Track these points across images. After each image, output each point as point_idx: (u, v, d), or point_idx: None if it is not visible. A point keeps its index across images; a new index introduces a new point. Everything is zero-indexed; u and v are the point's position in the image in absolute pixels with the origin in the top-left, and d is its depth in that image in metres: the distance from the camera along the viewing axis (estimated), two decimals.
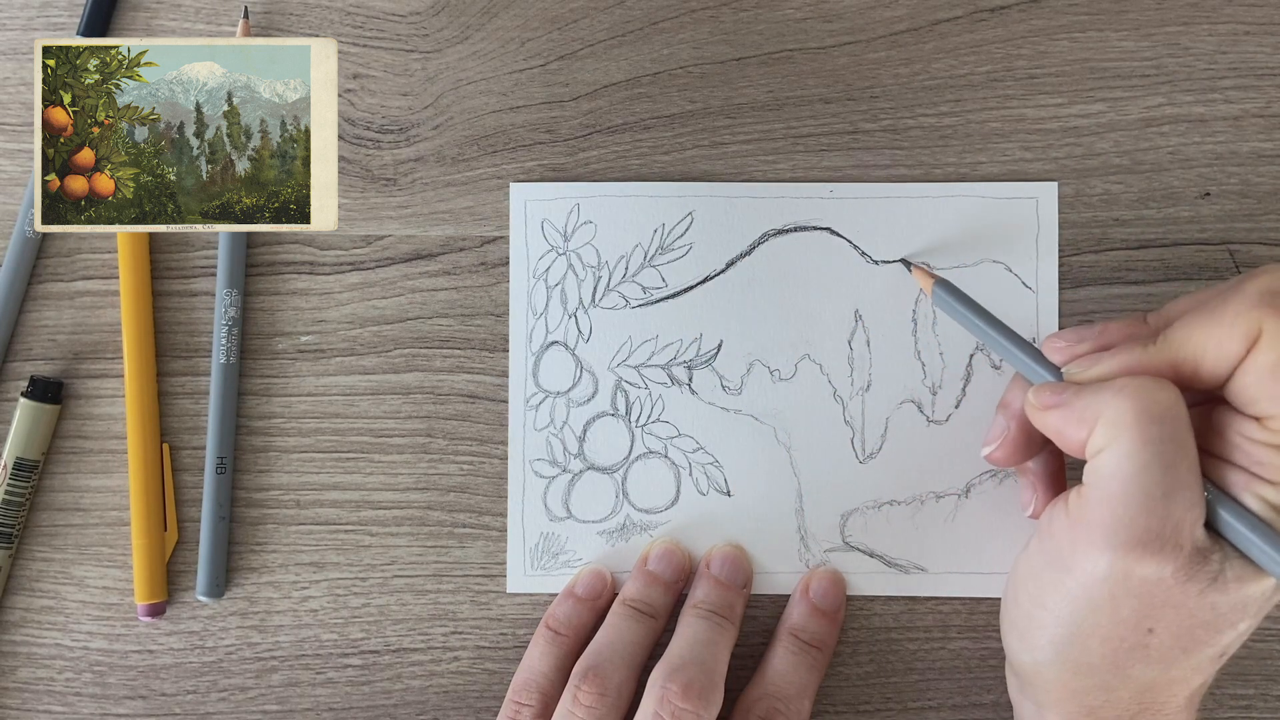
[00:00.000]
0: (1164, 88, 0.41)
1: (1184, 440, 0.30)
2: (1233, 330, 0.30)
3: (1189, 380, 0.31)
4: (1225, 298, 0.30)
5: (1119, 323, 0.33)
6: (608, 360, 0.41)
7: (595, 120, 0.41)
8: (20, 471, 0.41)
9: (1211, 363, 0.30)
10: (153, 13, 0.42)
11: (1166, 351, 0.31)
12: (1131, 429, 0.30)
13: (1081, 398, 0.31)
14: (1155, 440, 0.29)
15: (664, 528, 0.41)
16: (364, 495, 0.41)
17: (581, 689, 0.36)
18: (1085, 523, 0.30)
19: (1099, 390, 0.31)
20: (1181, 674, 0.32)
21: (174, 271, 0.42)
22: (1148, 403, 0.30)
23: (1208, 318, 0.30)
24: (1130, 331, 0.33)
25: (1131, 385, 0.30)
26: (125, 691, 0.41)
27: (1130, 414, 0.30)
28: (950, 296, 0.38)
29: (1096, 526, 0.30)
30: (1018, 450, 0.35)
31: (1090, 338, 0.33)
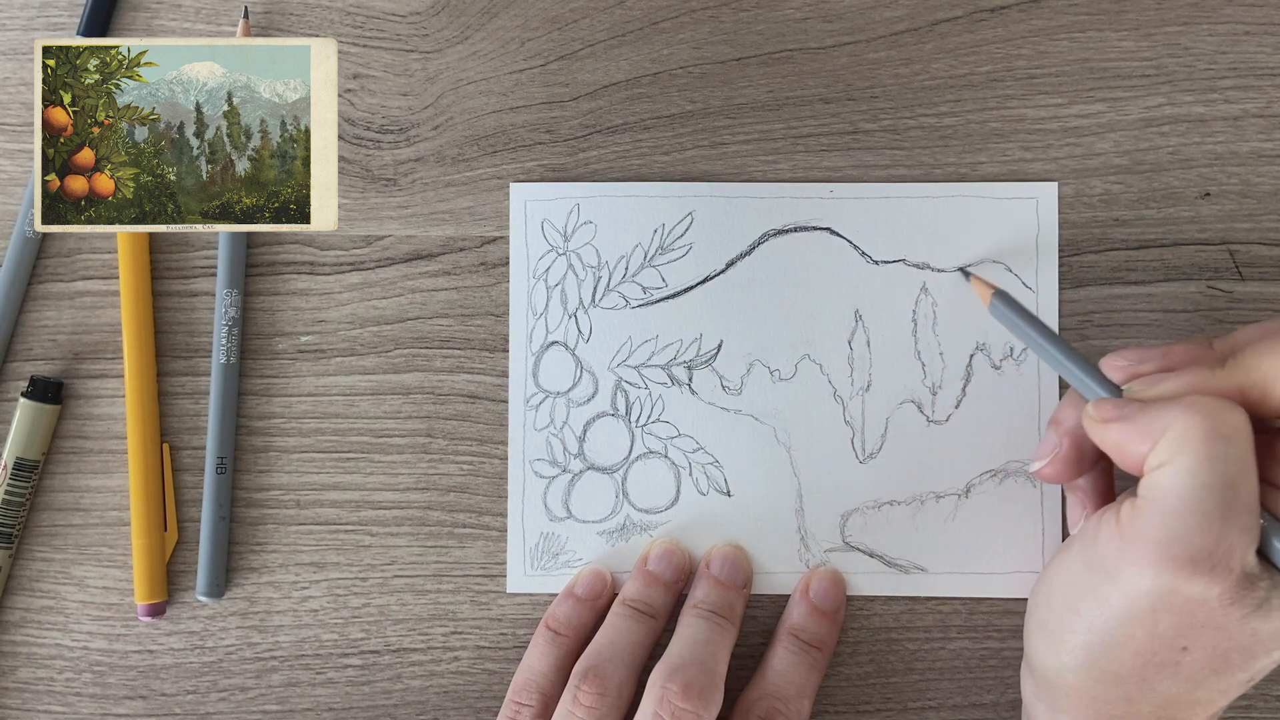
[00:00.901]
0: (1164, 88, 0.41)
1: (1247, 464, 0.29)
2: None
3: (1255, 407, 0.31)
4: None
5: (1184, 345, 0.33)
6: (608, 360, 0.41)
7: (595, 120, 0.41)
8: (20, 471, 0.41)
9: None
10: (153, 13, 0.42)
11: (1235, 376, 0.31)
12: (1197, 446, 0.29)
13: (1146, 412, 0.31)
14: (1220, 459, 0.29)
15: (664, 528, 0.41)
16: (364, 495, 0.41)
17: (581, 689, 0.36)
18: (1136, 535, 0.30)
19: (1166, 406, 0.30)
20: (1207, 695, 0.32)
21: (174, 271, 0.42)
22: (1216, 422, 0.29)
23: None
24: (1196, 355, 0.32)
25: (1201, 403, 0.30)
26: (125, 691, 0.41)
27: (1198, 430, 0.29)
28: (1008, 308, 0.37)
29: (1148, 540, 0.30)
30: (1068, 467, 0.35)
31: (1154, 358, 0.33)
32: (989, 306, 0.38)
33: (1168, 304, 0.41)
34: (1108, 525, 0.31)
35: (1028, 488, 0.40)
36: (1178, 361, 0.33)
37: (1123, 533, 0.31)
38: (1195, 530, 0.29)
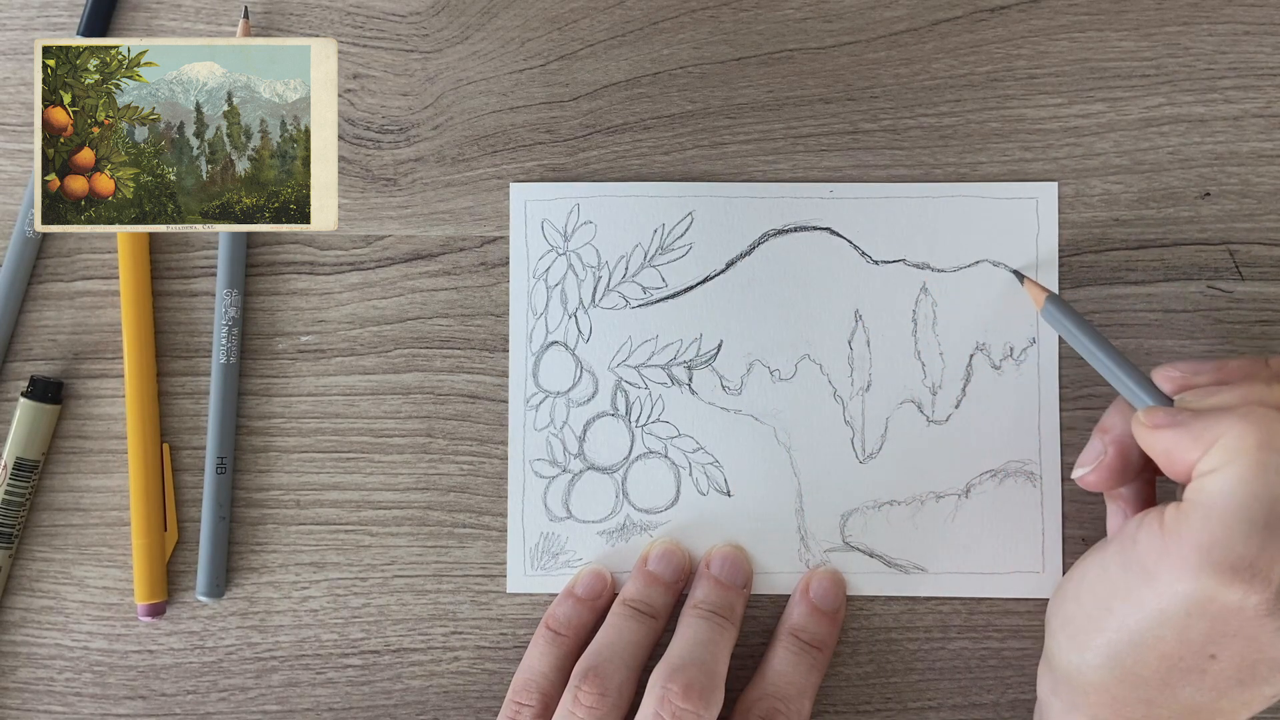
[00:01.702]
0: (1164, 88, 0.41)
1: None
2: None
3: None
4: None
5: (1239, 360, 0.33)
6: (608, 360, 0.41)
7: (595, 120, 0.41)
8: (20, 471, 0.41)
9: None
10: (153, 13, 0.42)
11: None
12: (1250, 454, 0.29)
13: (1200, 420, 0.31)
14: (1272, 470, 0.29)
15: (664, 528, 0.41)
16: (364, 495, 0.41)
17: (582, 689, 0.36)
18: (1179, 538, 0.30)
19: (1220, 414, 0.30)
20: (1230, 706, 0.32)
21: (174, 271, 0.42)
22: (1271, 433, 0.29)
23: None
24: (1250, 370, 0.32)
25: (1257, 413, 0.30)
26: (125, 691, 0.41)
27: (1252, 439, 0.29)
28: (1062, 314, 0.37)
29: (1191, 544, 0.29)
30: (1113, 475, 0.35)
31: (1208, 371, 0.33)
32: (1041, 310, 0.38)
33: (1168, 304, 0.41)
34: (1149, 527, 0.31)
35: (1028, 488, 0.40)
36: (1232, 375, 0.32)
37: (1165, 535, 0.30)
38: (1240, 538, 0.29)
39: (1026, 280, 0.39)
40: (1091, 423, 0.40)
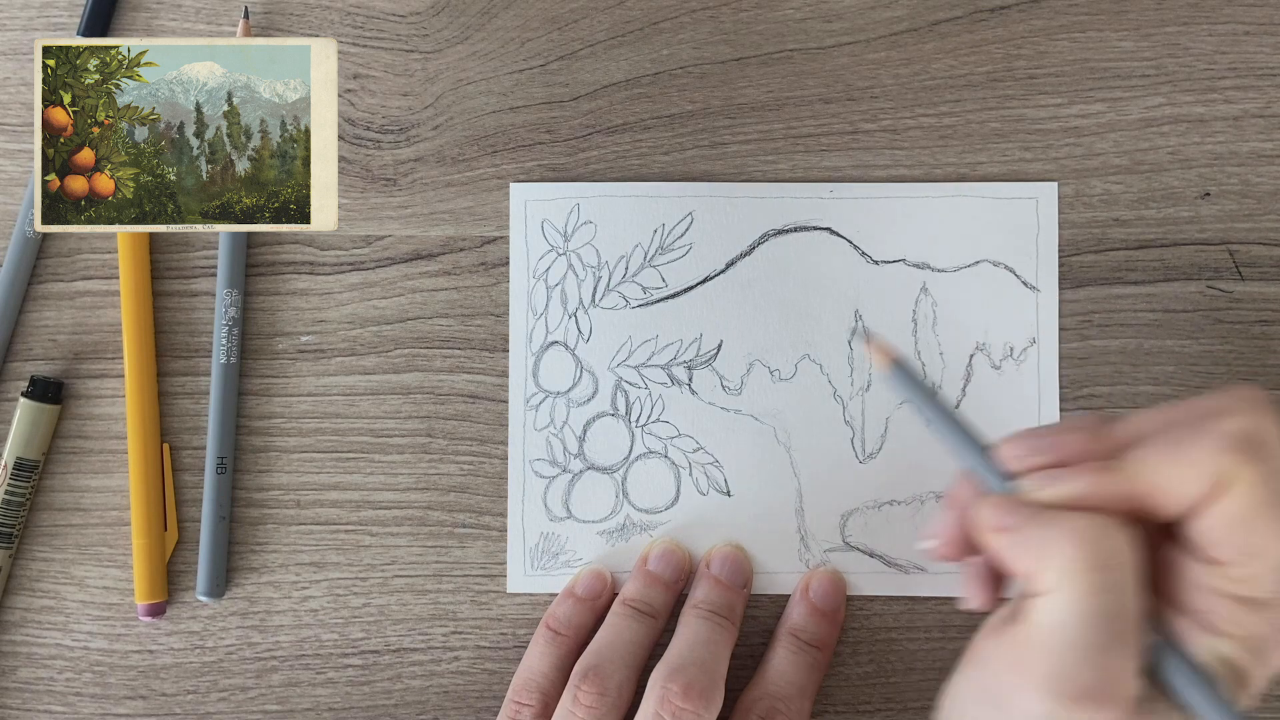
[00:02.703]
0: (1164, 88, 0.41)
1: (1130, 589, 0.28)
2: (1200, 472, 0.28)
3: (1146, 513, 0.30)
4: (1193, 435, 0.28)
5: (1077, 432, 0.31)
6: (608, 360, 0.41)
7: (595, 120, 0.41)
8: (20, 471, 0.41)
9: (1172, 501, 0.29)
10: (153, 13, 0.42)
11: (1124, 482, 0.29)
12: (1078, 578, 0.28)
13: (1032, 528, 0.30)
14: (1100, 590, 0.28)
15: (664, 528, 0.41)
16: (364, 495, 0.41)
17: (582, 689, 0.36)
18: (1025, 667, 0.29)
19: (1049, 526, 0.29)
20: None
21: (174, 271, 0.42)
22: (1097, 550, 0.28)
23: (1172, 454, 0.29)
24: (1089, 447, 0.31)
25: (1081, 529, 0.29)
26: (125, 691, 0.41)
27: (1079, 561, 0.28)
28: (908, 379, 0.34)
29: (1036, 675, 0.29)
30: (959, 549, 0.33)
31: (1047, 450, 0.31)
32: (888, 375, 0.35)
33: (1168, 304, 0.41)
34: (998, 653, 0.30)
35: None
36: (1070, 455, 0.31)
37: (1011, 663, 0.30)
38: (1081, 665, 0.28)
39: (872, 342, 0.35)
40: None
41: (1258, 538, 0.28)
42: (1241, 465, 0.28)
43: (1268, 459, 0.28)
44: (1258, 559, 0.28)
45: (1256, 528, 0.28)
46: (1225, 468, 0.28)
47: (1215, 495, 0.28)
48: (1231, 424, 0.28)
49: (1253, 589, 0.29)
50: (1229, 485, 0.28)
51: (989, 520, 0.31)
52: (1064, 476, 0.30)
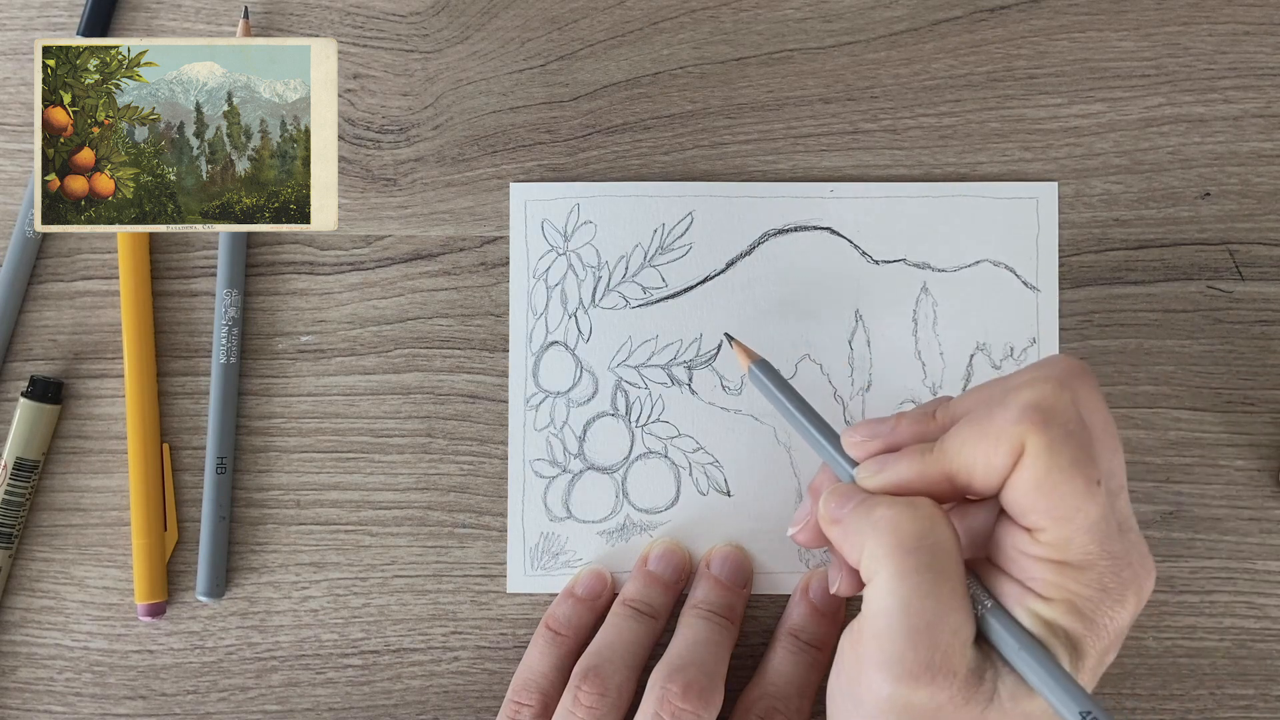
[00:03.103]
0: (1164, 88, 0.41)
1: (944, 565, 0.30)
2: (998, 445, 0.29)
3: (965, 490, 0.31)
4: (993, 410, 0.30)
5: (910, 418, 0.33)
6: (608, 360, 0.41)
7: (595, 120, 0.41)
8: (20, 471, 0.41)
9: (982, 475, 0.30)
10: (153, 13, 0.42)
11: (941, 462, 0.31)
12: (887, 563, 0.30)
13: (853, 520, 0.31)
14: (912, 572, 0.29)
15: (664, 528, 0.41)
16: (364, 495, 0.41)
17: (582, 689, 0.36)
18: (864, 658, 0.30)
19: (865, 516, 0.31)
20: None
21: (174, 271, 0.42)
22: (902, 535, 0.30)
23: (976, 430, 0.30)
24: (919, 429, 0.33)
25: (888, 518, 0.30)
26: (125, 691, 0.41)
27: (885, 548, 0.30)
28: (766, 378, 0.37)
29: (873, 662, 0.30)
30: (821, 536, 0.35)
31: (883, 434, 0.33)
32: (747, 373, 0.37)
33: (1168, 304, 0.41)
34: (848, 646, 0.32)
35: None
36: (903, 435, 0.33)
37: (856, 653, 0.31)
38: (907, 646, 0.29)
39: (734, 343, 0.38)
40: None
41: (1058, 501, 0.29)
42: (1030, 433, 0.29)
43: (1055, 424, 0.29)
44: (1063, 522, 0.29)
45: (1054, 491, 0.29)
46: (1017, 437, 0.29)
47: (1015, 465, 0.29)
48: (1025, 395, 0.29)
49: (1065, 552, 0.29)
50: (1023, 454, 0.29)
51: (825, 513, 0.33)
52: (891, 462, 0.32)
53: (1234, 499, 0.40)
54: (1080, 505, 0.29)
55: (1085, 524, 0.29)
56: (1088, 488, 0.29)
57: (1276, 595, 0.40)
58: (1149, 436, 0.41)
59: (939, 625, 0.29)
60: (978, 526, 0.34)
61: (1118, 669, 0.40)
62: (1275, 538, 0.40)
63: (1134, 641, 0.40)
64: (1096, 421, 0.30)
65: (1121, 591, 0.30)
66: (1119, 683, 0.40)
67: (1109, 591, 0.29)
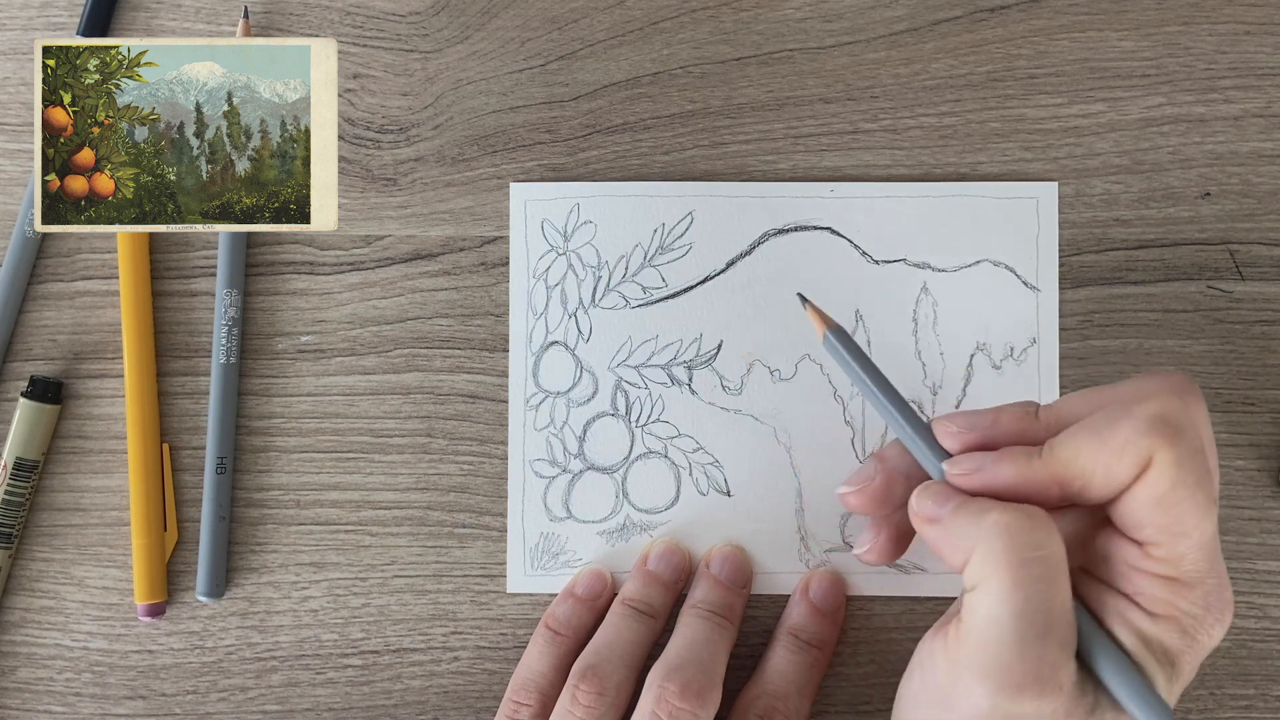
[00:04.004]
0: (1164, 88, 0.41)
1: (1057, 578, 0.29)
2: (1122, 457, 0.29)
3: (1074, 498, 0.30)
4: (1116, 420, 0.29)
5: (1011, 413, 0.32)
6: (608, 360, 0.41)
7: (595, 120, 0.41)
8: (20, 471, 0.41)
9: (1099, 485, 0.29)
10: (153, 13, 0.42)
11: (1053, 467, 0.30)
12: (1003, 572, 0.29)
13: (959, 521, 0.30)
14: (1027, 582, 0.29)
15: (664, 528, 0.41)
16: (364, 495, 0.41)
17: (580, 688, 0.36)
18: (963, 662, 0.30)
19: (975, 520, 0.30)
20: None
21: (174, 271, 0.42)
22: (1020, 544, 0.29)
23: (1097, 439, 0.29)
24: (1020, 428, 0.32)
25: (1003, 524, 0.29)
26: (125, 691, 0.41)
27: (1002, 556, 0.29)
28: (845, 348, 0.35)
29: (975, 668, 0.29)
30: (875, 502, 0.34)
31: (982, 427, 0.32)
32: (822, 339, 0.36)
33: (1168, 304, 0.41)
34: (939, 652, 0.31)
35: None
36: (1004, 432, 0.32)
37: (952, 661, 0.30)
38: (1017, 657, 0.29)
39: (809, 305, 0.37)
40: None
41: (1179, 517, 0.29)
42: (1160, 447, 0.28)
43: (1185, 440, 0.29)
44: (1181, 539, 0.29)
45: (1177, 507, 0.29)
46: (1145, 450, 0.29)
47: (1137, 477, 0.29)
48: (1151, 407, 0.29)
49: (1178, 569, 0.29)
50: (1149, 467, 0.29)
51: (920, 510, 0.32)
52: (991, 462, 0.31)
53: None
54: (1199, 523, 0.29)
55: (1200, 541, 0.29)
56: (1209, 505, 0.29)
57: (1276, 595, 0.40)
58: None
59: (1049, 638, 0.29)
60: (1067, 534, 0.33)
61: None
62: (1275, 538, 0.40)
63: None
64: (1209, 441, 0.30)
65: (1222, 610, 0.30)
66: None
67: (1211, 610, 0.29)
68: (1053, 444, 0.30)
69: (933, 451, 0.33)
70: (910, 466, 0.34)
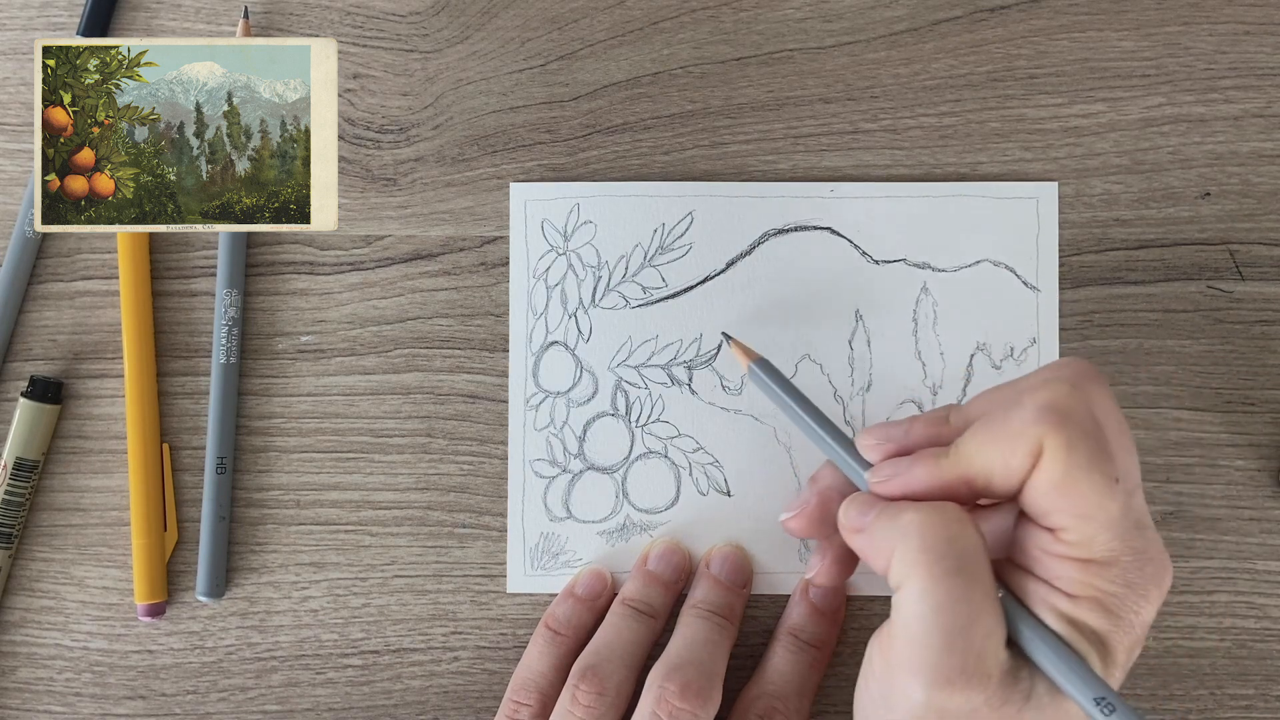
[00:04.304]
0: (1164, 88, 0.41)
1: (974, 569, 0.30)
2: (1015, 448, 0.29)
3: (983, 492, 0.31)
4: (1008, 413, 0.30)
5: (925, 419, 0.33)
6: (608, 360, 0.41)
7: (595, 120, 0.41)
8: (20, 471, 0.41)
9: (1001, 479, 0.30)
10: (153, 13, 0.42)
11: (958, 465, 0.31)
12: (920, 568, 0.30)
13: (878, 527, 0.31)
14: (944, 576, 0.29)
15: (664, 528, 0.41)
16: (364, 495, 0.41)
17: (580, 688, 0.36)
18: (896, 662, 0.30)
19: (892, 523, 0.31)
20: None
21: (174, 271, 0.42)
22: (931, 540, 0.30)
23: (992, 434, 0.30)
24: (933, 432, 0.33)
25: (916, 523, 0.30)
26: (125, 691, 0.41)
27: (914, 554, 0.30)
28: (768, 377, 0.37)
29: (906, 666, 0.30)
30: (814, 525, 0.35)
31: (897, 436, 0.33)
32: (747, 373, 0.38)
33: (1168, 304, 0.41)
34: (877, 654, 0.32)
35: None
36: (918, 438, 0.33)
37: (886, 661, 0.31)
38: (942, 651, 0.29)
39: (732, 342, 0.39)
40: None
41: (1078, 500, 0.29)
42: (1048, 434, 0.29)
43: (1072, 424, 0.29)
44: (1086, 520, 0.29)
45: (1074, 491, 0.29)
46: (1035, 439, 0.29)
47: (1034, 467, 0.29)
48: (1039, 397, 0.30)
49: (1090, 550, 0.30)
50: (1042, 455, 0.29)
51: (847, 522, 0.33)
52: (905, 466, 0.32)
53: (1234, 499, 0.40)
54: (1101, 503, 0.29)
55: (1107, 521, 0.29)
56: (1107, 485, 0.29)
57: (1276, 595, 0.40)
58: (1149, 436, 0.41)
59: (972, 629, 0.29)
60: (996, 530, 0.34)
61: None
62: (1275, 538, 0.40)
63: None
64: (1110, 421, 0.30)
65: (1145, 586, 0.30)
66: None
67: (1134, 587, 0.30)
68: (958, 443, 0.31)
69: (860, 465, 0.34)
70: (844, 485, 0.35)
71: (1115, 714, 0.29)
